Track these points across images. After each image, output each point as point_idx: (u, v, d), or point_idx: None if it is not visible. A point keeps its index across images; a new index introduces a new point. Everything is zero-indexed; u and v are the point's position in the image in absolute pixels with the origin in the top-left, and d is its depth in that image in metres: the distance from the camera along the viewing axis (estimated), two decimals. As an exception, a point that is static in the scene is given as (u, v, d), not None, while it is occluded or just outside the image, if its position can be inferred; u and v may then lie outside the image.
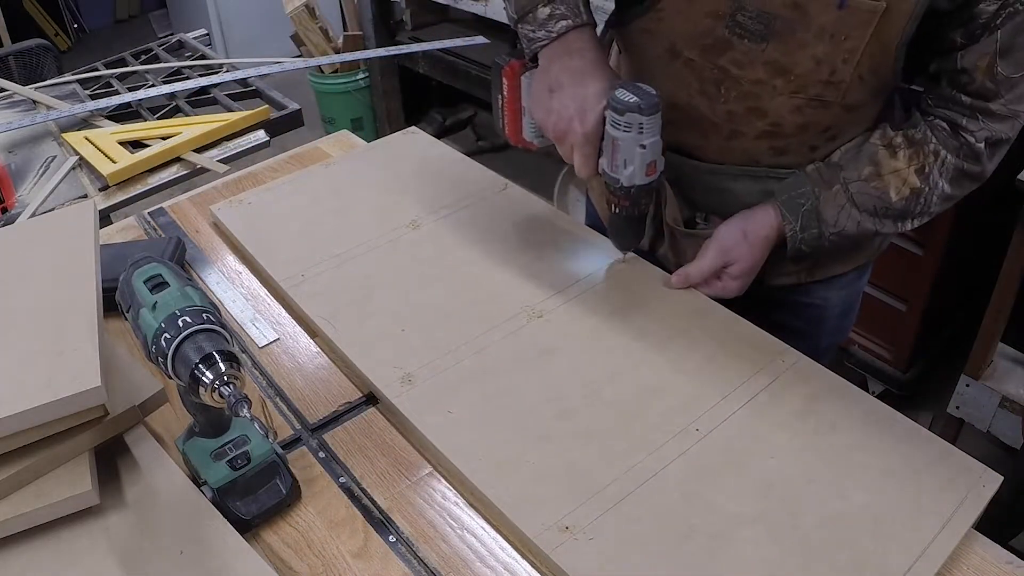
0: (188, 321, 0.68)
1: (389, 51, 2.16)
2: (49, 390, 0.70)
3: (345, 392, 0.91)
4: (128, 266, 0.75)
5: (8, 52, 2.40)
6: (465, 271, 1.04)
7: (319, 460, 0.83)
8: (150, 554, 0.71)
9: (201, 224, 1.21)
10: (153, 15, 5.08)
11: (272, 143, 1.68)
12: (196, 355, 0.66)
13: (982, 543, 0.73)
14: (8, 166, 1.59)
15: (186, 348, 0.67)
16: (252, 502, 0.75)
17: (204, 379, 0.66)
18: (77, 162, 1.58)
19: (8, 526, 0.70)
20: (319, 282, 1.03)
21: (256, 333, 1.00)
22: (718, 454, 0.79)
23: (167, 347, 0.67)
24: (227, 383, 0.66)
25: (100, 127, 1.72)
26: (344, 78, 3.32)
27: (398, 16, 3.18)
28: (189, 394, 0.70)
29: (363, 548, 0.75)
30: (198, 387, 0.67)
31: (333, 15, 3.48)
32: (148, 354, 0.70)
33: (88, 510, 0.73)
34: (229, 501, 0.74)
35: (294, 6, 3.20)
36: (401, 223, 1.13)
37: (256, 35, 4.04)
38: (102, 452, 0.78)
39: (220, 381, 0.66)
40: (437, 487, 0.80)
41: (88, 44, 4.76)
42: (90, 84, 1.97)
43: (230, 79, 1.91)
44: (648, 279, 1.02)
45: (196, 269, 1.12)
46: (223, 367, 0.66)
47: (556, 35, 0.89)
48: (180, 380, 0.68)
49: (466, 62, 2.84)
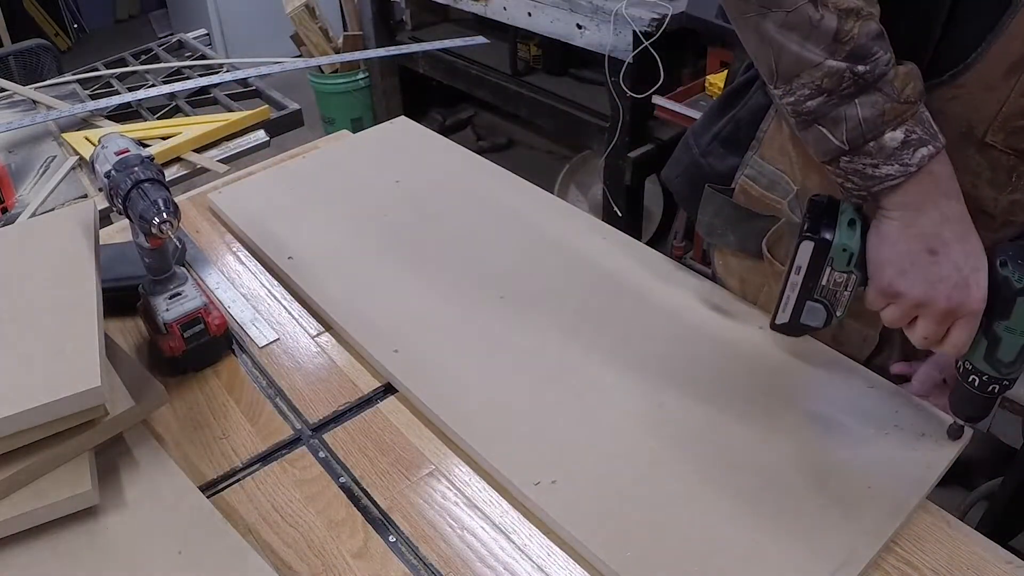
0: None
1: (389, 51, 2.15)
2: (49, 390, 0.70)
3: (345, 392, 0.91)
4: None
5: (8, 52, 2.40)
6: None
7: (319, 460, 0.83)
8: (150, 554, 0.71)
9: (201, 224, 1.21)
10: (153, 15, 5.08)
11: (272, 143, 1.68)
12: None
13: (982, 543, 0.73)
14: (8, 166, 1.59)
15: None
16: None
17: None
18: (77, 162, 1.58)
19: (8, 526, 0.70)
20: (320, 266, 1.07)
21: (256, 333, 1.00)
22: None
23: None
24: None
25: (100, 127, 1.72)
26: (344, 78, 3.32)
27: (398, 16, 3.18)
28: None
29: (363, 548, 0.75)
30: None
31: (333, 15, 3.48)
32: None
33: (88, 510, 0.73)
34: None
35: (294, 6, 3.20)
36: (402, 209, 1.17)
37: (256, 35, 4.04)
38: (102, 452, 0.78)
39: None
40: (437, 487, 0.80)
41: (88, 44, 4.76)
42: (90, 84, 1.97)
43: (230, 79, 1.91)
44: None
45: (196, 269, 1.12)
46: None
47: (916, 169, 0.66)
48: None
49: (466, 62, 2.84)
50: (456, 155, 1.32)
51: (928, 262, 0.68)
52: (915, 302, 0.69)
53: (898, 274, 0.69)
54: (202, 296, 0.94)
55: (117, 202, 0.87)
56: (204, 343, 0.94)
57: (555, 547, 0.74)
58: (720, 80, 1.98)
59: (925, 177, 0.67)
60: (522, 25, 2.49)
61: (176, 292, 0.93)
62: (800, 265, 0.73)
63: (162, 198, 0.84)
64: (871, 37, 0.66)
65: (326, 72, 3.34)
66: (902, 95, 0.66)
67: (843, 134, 0.67)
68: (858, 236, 0.71)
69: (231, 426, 0.88)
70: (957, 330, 0.69)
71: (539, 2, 2.38)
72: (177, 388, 0.92)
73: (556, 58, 2.68)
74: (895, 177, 0.67)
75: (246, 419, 0.89)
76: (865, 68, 0.65)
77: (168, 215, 0.84)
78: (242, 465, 0.84)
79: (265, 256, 1.11)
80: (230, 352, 0.98)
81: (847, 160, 0.68)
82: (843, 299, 0.74)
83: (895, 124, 0.66)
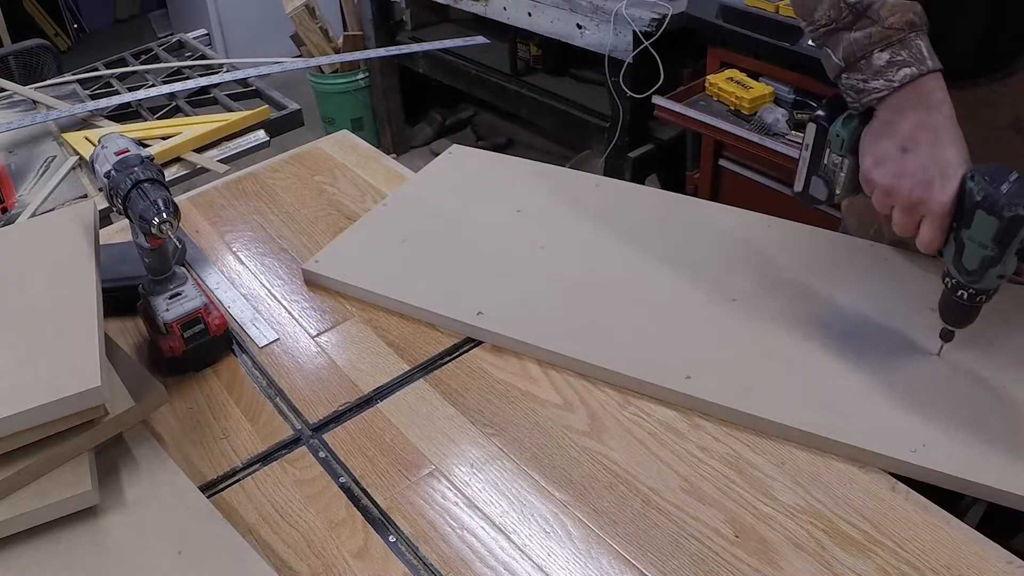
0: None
1: (389, 51, 2.16)
2: (49, 390, 0.70)
3: (345, 392, 0.91)
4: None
5: (8, 52, 2.40)
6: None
7: (319, 460, 0.84)
8: (150, 554, 0.71)
9: (201, 224, 1.22)
10: (153, 15, 5.07)
11: (272, 143, 1.68)
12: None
13: (982, 543, 0.73)
14: (8, 166, 1.59)
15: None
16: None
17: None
18: (77, 162, 1.58)
19: (8, 526, 0.70)
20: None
21: (256, 333, 1.00)
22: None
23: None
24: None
25: (100, 127, 1.72)
26: (344, 78, 3.32)
27: (398, 16, 3.18)
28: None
29: (363, 548, 0.75)
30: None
31: (333, 15, 3.47)
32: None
33: (88, 510, 0.73)
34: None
35: (294, 6, 3.20)
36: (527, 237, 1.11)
37: (256, 35, 4.04)
38: (102, 452, 0.78)
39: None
40: (437, 487, 0.80)
41: (88, 44, 4.76)
42: (90, 84, 1.97)
43: (230, 79, 1.91)
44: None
45: (196, 269, 1.12)
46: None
47: (898, 84, 0.77)
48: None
49: (466, 62, 2.84)
50: (542, 172, 1.26)
51: (899, 158, 0.78)
52: (884, 190, 0.79)
53: (874, 163, 0.80)
54: (202, 296, 0.94)
55: (117, 202, 0.87)
56: (204, 343, 0.94)
57: (555, 547, 0.74)
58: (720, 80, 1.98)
59: (909, 91, 0.77)
60: (522, 25, 2.49)
61: (176, 292, 0.93)
62: (807, 143, 0.86)
63: (162, 198, 0.84)
64: None
65: (326, 72, 3.34)
66: (887, 21, 0.77)
67: (840, 52, 0.80)
68: (852, 129, 0.82)
69: (231, 426, 0.88)
70: (925, 226, 0.78)
71: (539, 2, 2.38)
72: (177, 388, 0.93)
73: (556, 58, 2.68)
74: (880, 91, 0.78)
75: (246, 419, 0.89)
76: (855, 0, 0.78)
77: (168, 215, 0.84)
78: (242, 465, 0.84)
79: (443, 317, 0.99)
80: (230, 352, 0.98)
81: (846, 77, 0.80)
82: (839, 179, 0.85)
83: (882, 46, 0.77)
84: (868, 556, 0.71)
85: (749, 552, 0.72)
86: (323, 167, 1.34)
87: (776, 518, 0.75)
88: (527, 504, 0.78)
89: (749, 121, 1.90)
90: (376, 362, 0.95)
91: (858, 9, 0.78)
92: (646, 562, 0.72)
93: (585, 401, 0.88)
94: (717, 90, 1.99)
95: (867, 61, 0.78)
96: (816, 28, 0.82)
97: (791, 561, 0.71)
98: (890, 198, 0.79)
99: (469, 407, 0.88)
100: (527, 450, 0.83)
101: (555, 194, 1.19)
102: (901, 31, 0.77)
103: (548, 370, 0.92)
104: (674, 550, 0.73)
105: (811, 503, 0.76)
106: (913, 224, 0.79)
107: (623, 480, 0.79)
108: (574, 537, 0.75)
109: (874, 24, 0.77)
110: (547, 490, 0.79)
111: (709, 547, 0.73)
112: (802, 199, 0.90)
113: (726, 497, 0.77)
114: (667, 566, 0.72)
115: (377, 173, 1.32)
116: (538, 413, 0.87)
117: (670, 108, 2.02)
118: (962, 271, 0.77)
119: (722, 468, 0.80)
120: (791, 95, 1.92)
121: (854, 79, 0.80)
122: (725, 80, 1.98)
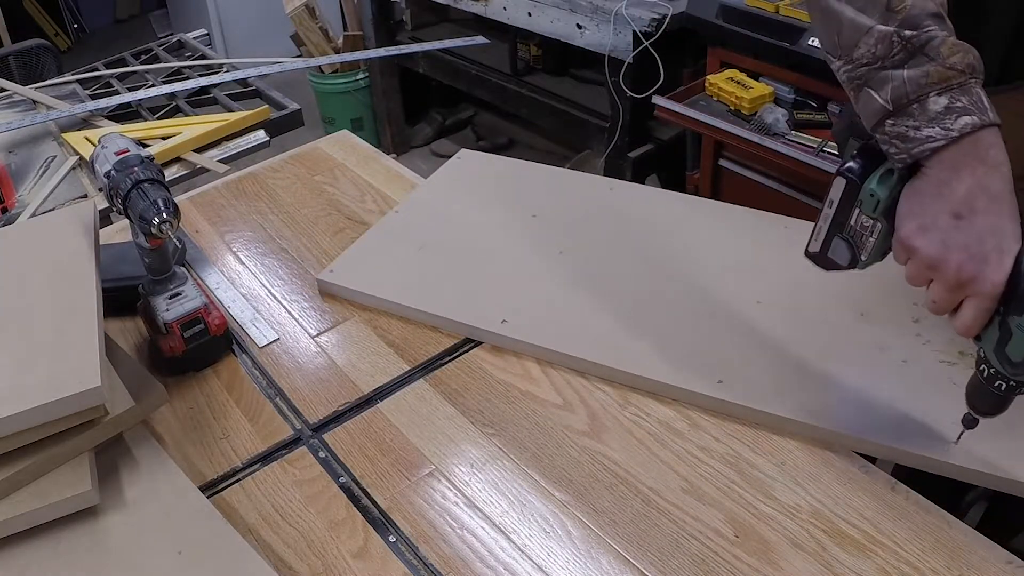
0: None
1: (389, 51, 2.15)
2: (49, 390, 0.70)
3: (345, 392, 0.91)
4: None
5: (8, 52, 2.40)
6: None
7: (319, 460, 0.84)
8: (150, 554, 0.71)
9: (201, 224, 1.22)
10: (153, 15, 5.07)
11: (272, 143, 1.68)
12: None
13: (982, 543, 0.73)
14: (8, 166, 1.59)
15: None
16: None
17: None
18: (77, 162, 1.58)
19: (8, 526, 0.70)
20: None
21: (256, 333, 1.00)
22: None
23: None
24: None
25: (100, 127, 1.72)
26: (344, 78, 3.32)
27: (398, 16, 3.18)
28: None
29: (363, 548, 0.75)
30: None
31: (333, 15, 3.47)
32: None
33: (88, 510, 0.73)
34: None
35: (294, 6, 3.20)
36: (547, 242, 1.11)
37: (256, 35, 4.04)
38: (102, 452, 0.78)
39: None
40: (437, 487, 0.80)
41: (88, 44, 4.76)
42: (90, 84, 1.97)
43: (230, 79, 1.91)
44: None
45: (196, 269, 1.12)
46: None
47: (958, 134, 0.65)
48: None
49: (466, 62, 2.84)
50: (555, 175, 1.27)
51: (950, 225, 0.66)
52: (928, 262, 0.68)
53: (918, 229, 0.68)
54: (202, 296, 0.94)
55: (117, 202, 0.87)
56: (204, 343, 0.94)
57: (555, 547, 0.74)
58: (720, 80, 1.98)
59: (967, 145, 0.66)
60: (522, 25, 2.49)
61: (176, 292, 0.93)
62: (832, 199, 0.74)
63: (162, 198, 0.84)
64: (925, 13, 0.67)
65: (326, 72, 3.34)
66: (948, 61, 0.66)
67: (888, 93, 0.68)
68: (890, 187, 0.70)
69: (231, 426, 0.88)
70: (967, 307, 0.67)
71: (539, 2, 2.38)
72: (177, 388, 0.93)
73: (556, 58, 2.68)
74: (935, 139, 0.66)
75: (246, 419, 0.89)
76: (912, 33, 0.67)
77: (168, 215, 0.84)
78: (242, 465, 0.84)
79: (468, 327, 0.98)
80: (230, 352, 0.98)
81: (891, 123, 0.68)
82: (867, 244, 0.73)
83: (940, 89, 0.66)
84: (868, 556, 0.71)
85: (749, 552, 0.72)
86: (323, 167, 1.34)
87: (776, 518, 0.75)
88: (527, 504, 0.78)
89: (749, 121, 1.90)
90: (376, 362, 0.95)
91: (914, 44, 0.67)
92: (646, 562, 0.72)
93: (585, 401, 0.88)
94: (717, 90, 1.99)
95: (921, 105, 0.67)
96: (856, 67, 0.70)
97: (791, 561, 0.71)
98: (933, 271, 0.68)
99: (469, 407, 0.88)
100: (527, 450, 0.83)
101: (569, 198, 1.19)
102: (963, 74, 0.67)
103: (548, 370, 0.92)
104: (674, 550, 0.73)
105: (811, 503, 0.76)
106: (954, 303, 0.68)
107: (623, 480, 0.79)
108: (574, 537, 0.75)
109: (932, 62, 0.66)
110: (547, 490, 0.79)
111: (709, 547, 0.73)
112: (816, 262, 0.78)
113: (726, 497, 0.77)
114: (667, 566, 0.72)
115: (377, 173, 1.32)
116: (538, 413, 0.87)
117: (670, 108, 2.02)
118: (1005, 361, 0.67)
119: (722, 468, 0.80)
120: (791, 95, 1.92)
121: (902, 125, 0.68)
122: (725, 80, 1.98)
